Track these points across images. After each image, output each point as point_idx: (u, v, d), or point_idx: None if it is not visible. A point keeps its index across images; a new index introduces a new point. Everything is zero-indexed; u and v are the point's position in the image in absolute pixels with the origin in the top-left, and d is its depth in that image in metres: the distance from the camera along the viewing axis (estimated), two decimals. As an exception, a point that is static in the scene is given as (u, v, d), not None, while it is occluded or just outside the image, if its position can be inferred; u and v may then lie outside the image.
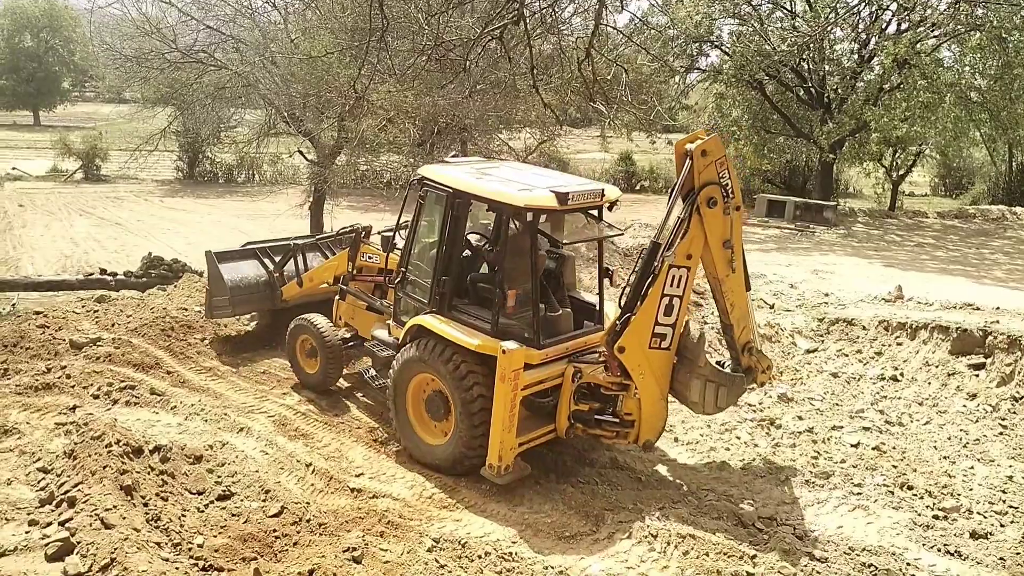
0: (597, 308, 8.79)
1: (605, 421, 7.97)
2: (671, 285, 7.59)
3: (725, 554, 6.64)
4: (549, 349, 7.96)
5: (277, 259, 11.31)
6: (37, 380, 9.48)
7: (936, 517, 7.63)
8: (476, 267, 8.70)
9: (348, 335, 10.28)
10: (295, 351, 10.17)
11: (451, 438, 8.03)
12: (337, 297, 10.46)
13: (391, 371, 8.57)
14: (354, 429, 9.15)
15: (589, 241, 9.10)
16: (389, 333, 9.28)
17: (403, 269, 8.91)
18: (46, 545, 6.11)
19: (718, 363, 8.31)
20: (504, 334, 7.76)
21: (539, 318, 7.93)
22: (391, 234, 9.58)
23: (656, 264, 7.60)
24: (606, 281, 8.86)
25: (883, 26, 26.64)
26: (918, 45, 24.16)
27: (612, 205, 8.32)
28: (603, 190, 8.17)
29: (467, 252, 8.65)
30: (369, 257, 10.27)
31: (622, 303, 7.80)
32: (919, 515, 7.63)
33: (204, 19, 21.89)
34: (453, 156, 9.96)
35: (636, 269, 7.80)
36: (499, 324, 7.83)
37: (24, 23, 59.77)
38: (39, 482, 7.17)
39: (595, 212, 8.35)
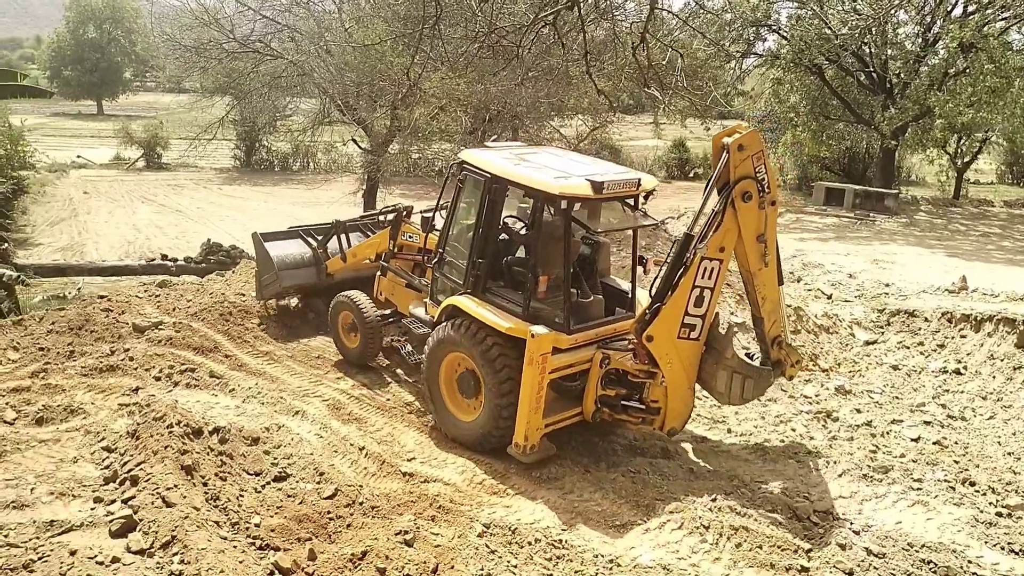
0: (629, 295, 8.83)
1: (631, 407, 8.08)
2: (702, 277, 7.64)
3: (779, 547, 6.53)
4: (578, 334, 8.07)
5: (321, 238, 11.65)
6: (101, 362, 9.76)
7: (999, 514, 7.38)
8: (513, 251, 8.82)
9: (388, 311, 10.50)
10: (337, 326, 10.51)
11: (480, 416, 8.24)
12: (379, 273, 10.72)
13: (426, 348, 8.77)
14: (406, 414, 9.24)
15: (624, 230, 8.96)
16: (426, 311, 9.50)
17: (441, 250, 9.11)
18: (110, 522, 6.30)
19: (747, 354, 8.36)
20: (535, 318, 7.90)
21: (570, 304, 8.02)
22: (431, 215, 9.76)
23: (688, 255, 7.63)
24: (639, 269, 8.86)
25: (949, 8, 25.78)
26: (985, 28, 23.31)
27: (648, 195, 8.39)
28: (639, 179, 8.18)
29: (504, 236, 8.78)
30: (410, 236, 10.55)
31: (653, 292, 7.85)
32: (982, 512, 7.40)
33: (260, 9, 22.24)
34: (494, 140, 10.02)
35: (668, 259, 7.81)
36: (530, 308, 7.97)
37: (88, 15, 61.53)
38: (103, 461, 7.39)
39: (631, 201, 8.39)
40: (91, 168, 36.08)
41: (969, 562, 6.59)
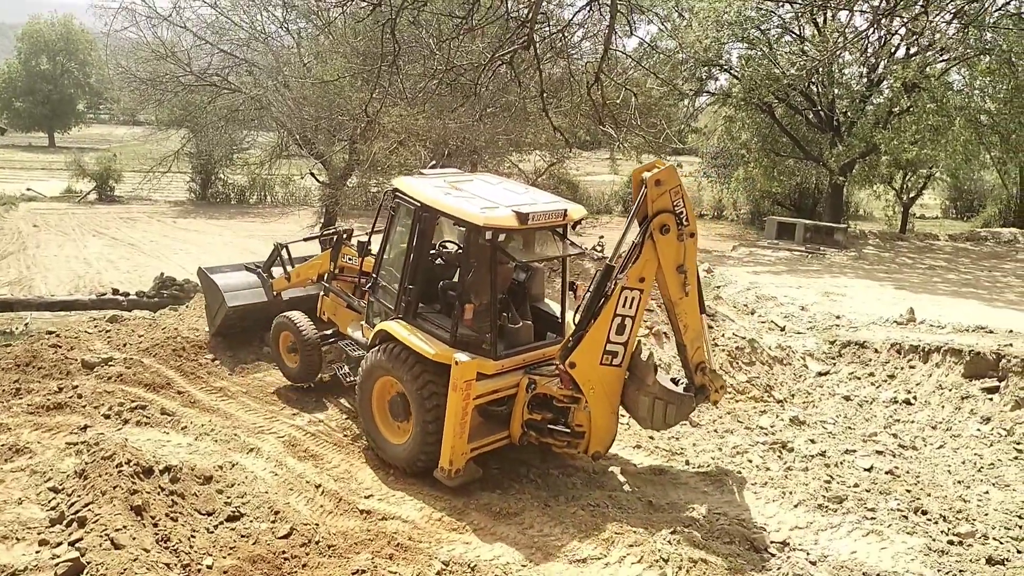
0: (560, 321, 9.04)
1: (557, 431, 8.25)
2: (623, 306, 7.89)
3: (737, 579, 6.57)
4: (505, 360, 8.26)
5: (265, 261, 11.82)
6: (49, 400, 9.51)
7: (951, 542, 7.53)
8: (450, 275, 8.98)
9: (328, 332, 10.57)
10: (278, 347, 10.63)
11: (410, 439, 8.38)
12: (321, 293, 10.90)
13: (359, 371, 8.91)
14: (363, 450, 9.14)
15: (550, 260, 9.36)
16: (362, 334, 9.63)
17: (375, 275, 9.33)
18: (56, 565, 6.11)
19: (673, 380, 8.57)
20: (463, 344, 8.07)
21: (496, 331, 8.21)
22: (366, 239, 9.99)
23: (610, 285, 7.88)
24: (569, 295, 9.07)
25: (892, 50, 26.70)
26: (927, 69, 24.25)
27: (576, 224, 8.63)
28: (566, 209, 8.40)
29: (439, 260, 9.15)
30: (349, 259, 10.70)
31: (576, 321, 8.08)
32: (934, 540, 7.54)
33: (218, 43, 22.22)
34: (431, 167, 10.19)
35: (590, 289, 8.04)
36: (458, 334, 8.13)
37: (41, 46, 60.68)
38: (50, 502, 7.17)
39: (560, 230, 8.62)
40: (41, 201, 35.35)
41: (922, 590, 6.69)
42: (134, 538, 6.36)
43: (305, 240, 12.00)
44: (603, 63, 9.08)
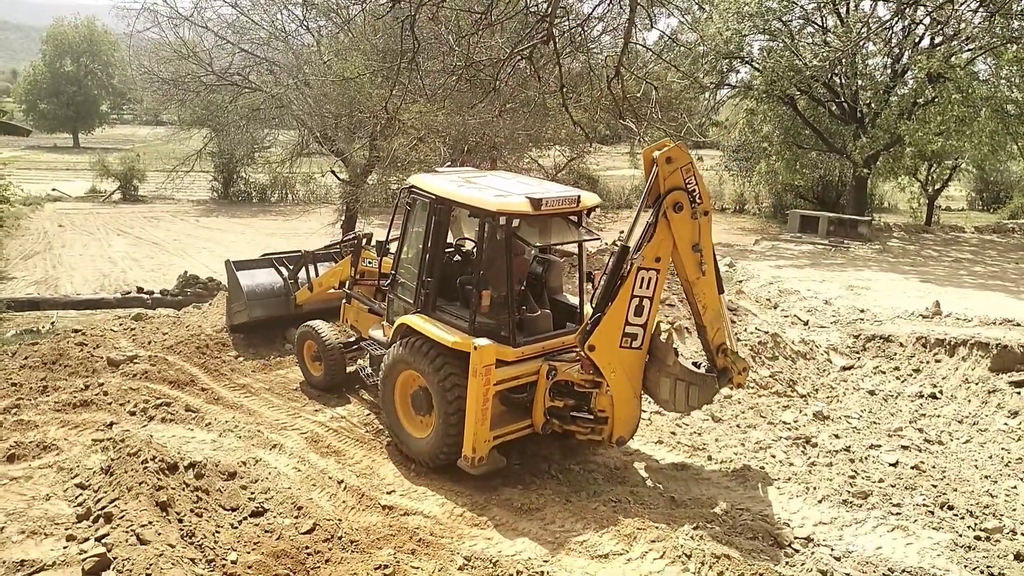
0: (578, 310, 9.06)
1: (580, 418, 8.24)
2: (640, 287, 7.85)
3: (760, 574, 6.53)
4: (525, 347, 8.31)
5: (292, 268, 11.95)
6: (75, 397, 9.64)
7: (978, 538, 7.43)
8: (467, 271, 9.03)
9: (351, 339, 10.74)
10: (302, 356, 10.80)
11: (432, 432, 8.41)
12: (344, 301, 10.98)
13: (381, 368, 8.98)
14: (385, 446, 9.17)
15: (564, 244, 9.42)
16: (383, 333, 9.70)
17: (394, 272, 9.43)
18: (83, 560, 6.19)
19: (695, 364, 8.49)
20: (481, 333, 8.08)
21: (514, 318, 8.27)
22: (385, 240, 10.19)
23: (626, 266, 7.86)
24: (587, 285, 9.01)
25: (916, 40, 26.36)
26: (952, 59, 23.86)
27: (590, 211, 8.68)
28: (579, 196, 8.42)
29: (457, 257, 9.29)
30: (369, 262, 10.83)
31: (593, 303, 8.09)
32: (960, 536, 7.45)
33: (239, 43, 22.32)
34: (448, 166, 10.31)
35: (606, 271, 8.02)
36: (476, 323, 8.18)
37: (65, 48, 61.45)
38: (77, 498, 7.27)
39: (574, 218, 8.65)
40: (66, 201, 35.83)
41: (949, 587, 6.62)
42: (159, 533, 6.43)
43: (326, 248, 12.09)
44: (623, 56, 9.03)
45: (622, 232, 8.21)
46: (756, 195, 35.47)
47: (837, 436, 10.09)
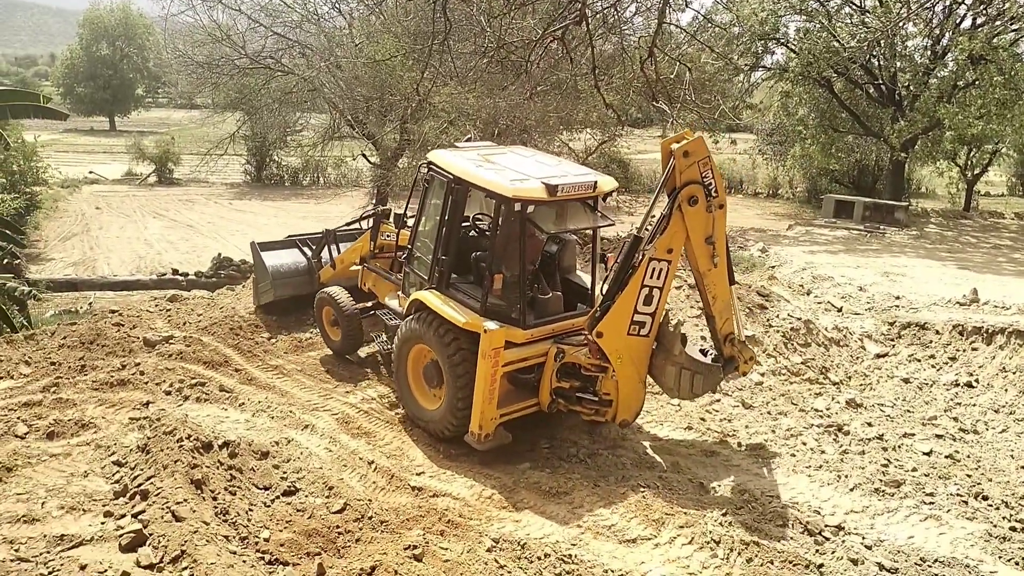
0: (590, 292, 9.17)
1: (585, 399, 8.46)
2: (651, 277, 7.98)
3: (790, 562, 6.49)
4: (535, 330, 8.47)
5: (315, 247, 12.21)
6: (112, 376, 9.82)
7: (1013, 529, 7.33)
8: (483, 246, 9.07)
9: (368, 303, 10.92)
10: (322, 321, 11.10)
11: (442, 405, 8.66)
12: (362, 266, 11.25)
13: (395, 340, 9.23)
14: (415, 428, 9.23)
15: (578, 231, 9.44)
16: (399, 304, 9.90)
17: (410, 246, 9.62)
18: (120, 536, 6.32)
19: (702, 351, 8.66)
20: (493, 313, 8.29)
21: (525, 301, 8.40)
22: (403, 212, 10.46)
23: (637, 256, 7.97)
24: (600, 266, 9.11)
25: (957, 20, 25.71)
26: (995, 40, 23.25)
27: (606, 196, 8.71)
28: (596, 181, 8.46)
29: (474, 232, 9.41)
30: (387, 236, 11.01)
31: (604, 291, 8.23)
32: (995, 526, 7.35)
33: (272, 26, 22.44)
34: (467, 140, 10.39)
35: (618, 260, 8.11)
36: (488, 304, 8.35)
37: (101, 32, 62.20)
38: (114, 475, 7.42)
39: (590, 202, 8.68)
40: (103, 183, 36.36)
41: (983, 577, 6.53)
42: (194, 511, 6.55)
43: (347, 225, 12.31)
44: (657, 37, 8.94)
45: (652, 216, 8.16)
46: (790, 179, 34.90)
47: (870, 424, 9.97)
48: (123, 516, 6.66)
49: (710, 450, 8.95)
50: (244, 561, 6.09)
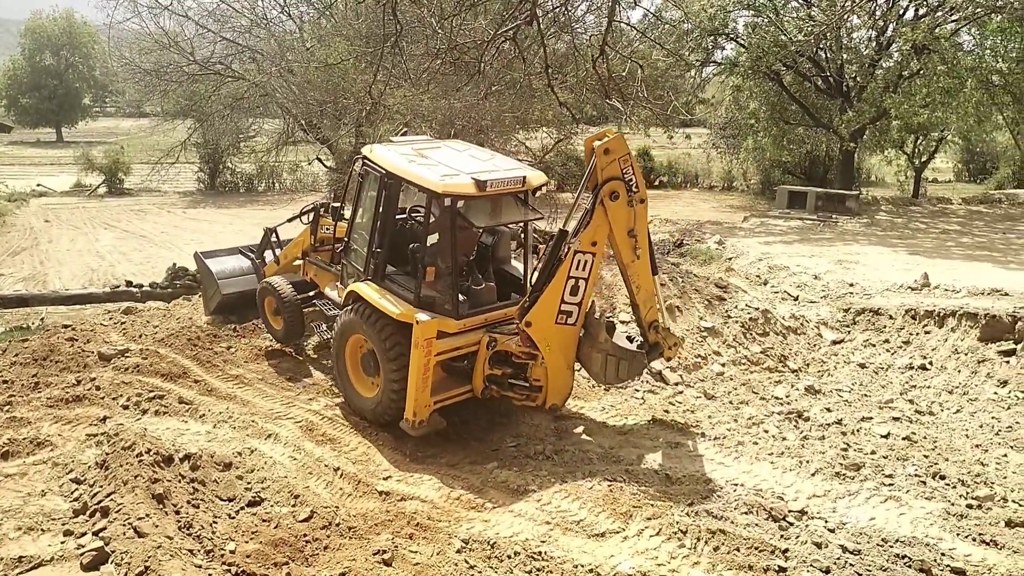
0: (523, 282, 9.51)
1: (516, 385, 8.85)
2: (577, 268, 8.40)
3: (756, 548, 6.59)
4: (467, 319, 8.79)
5: (257, 247, 12.51)
6: (67, 392, 9.61)
7: (970, 506, 7.52)
8: (419, 237, 9.22)
9: (310, 292, 11.26)
10: (264, 311, 11.37)
11: (378, 392, 8.99)
12: (303, 259, 11.48)
13: (334, 330, 9.57)
14: (380, 432, 9.18)
15: (508, 224, 9.69)
16: (338, 295, 10.16)
17: (347, 239, 9.95)
18: (81, 555, 6.20)
19: (629, 338, 9.09)
20: (426, 304, 8.61)
21: (457, 292, 8.71)
22: (339, 205, 10.68)
23: (563, 249, 8.38)
24: (533, 258, 9.52)
25: (900, 12, 26.30)
26: (937, 30, 23.82)
27: (536, 190, 9.15)
28: (525, 176, 8.84)
29: (411, 223, 9.68)
30: (327, 229, 11.10)
31: (532, 282, 8.69)
32: (952, 505, 7.54)
33: (221, 31, 22.16)
34: (402, 134, 10.57)
35: (545, 252, 8.57)
36: (421, 295, 8.66)
37: (44, 42, 60.75)
38: (72, 493, 7.27)
39: (521, 196, 9.00)
40: (52, 196, 35.51)
41: (942, 555, 6.69)
42: (157, 526, 6.44)
43: (288, 221, 12.44)
44: (607, 35, 9.02)
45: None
46: (744, 172, 35.41)
47: (829, 410, 10.16)
48: (84, 534, 6.54)
49: (675, 441, 9.05)
50: (210, 574, 6.01)
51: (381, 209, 8.97)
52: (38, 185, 36.97)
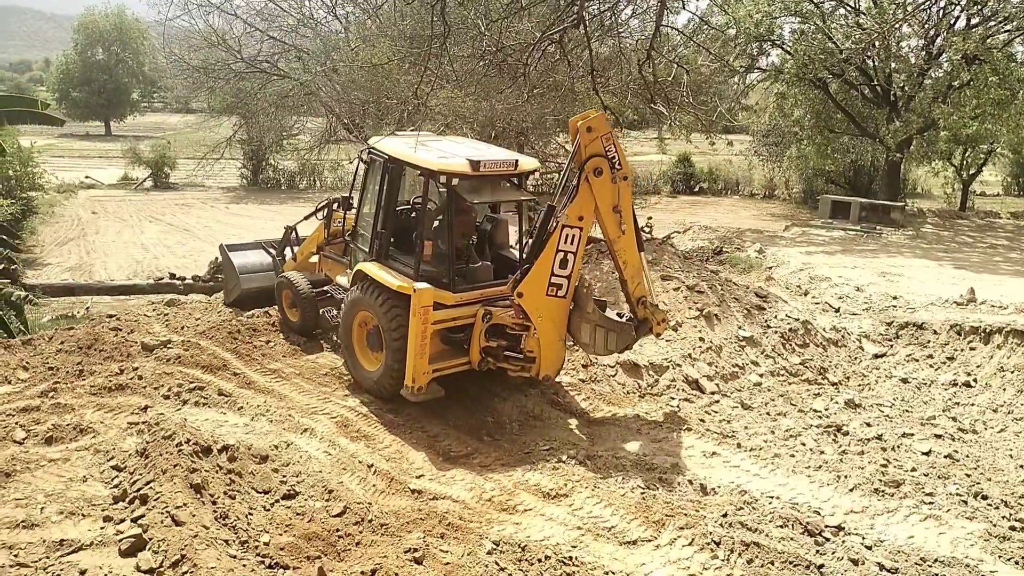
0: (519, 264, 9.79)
1: (511, 356, 9.27)
2: (565, 242, 8.89)
3: (791, 563, 6.49)
4: (463, 293, 9.36)
5: (278, 244, 13.08)
6: (110, 381, 9.78)
7: (1013, 528, 7.33)
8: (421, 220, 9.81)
9: (324, 287, 11.76)
10: (281, 304, 11.88)
11: (381, 365, 9.52)
12: (319, 254, 12.02)
13: (342, 309, 10.15)
14: (414, 431, 9.23)
15: (500, 202, 10.43)
16: (348, 280, 10.64)
17: (355, 225, 10.73)
18: (120, 541, 6.30)
19: (618, 314, 9.53)
20: (425, 279, 9.15)
21: (453, 266, 9.32)
22: (348, 196, 11.29)
23: (552, 224, 8.87)
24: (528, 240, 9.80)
25: (952, 21, 25.80)
26: (989, 40, 23.32)
27: (529, 175, 9.85)
28: (517, 160, 9.52)
29: (415, 213, 10.16)
30: (339, 223, 11.73)
31: (525, 255, 9.19)
32: (994, 526, 7.35)
33: (268, 30, 22.45)
34: (412, 130, 11.12)
35: (535, 227, 9.04)
36: (420, 270, 9.25)
37: (96, 37, 62.05)
38: (113, 480, 7.39)
39: (515, 180, 9.67)
40: (99, 188, 36.26)
41: (983, 577, 6.54)
42: (194, 515, 6.53)
43: (306, 218, 12.87)
44: (654, 40, 9.00)
45: (650, 218, 8.31)
46: (786, 180, 34.94)
47: (869, 424, 9.99)
48: (122, 521, 6.63)
49: (710, 451, 8.95)
50: (244, 565, 6.07)
51: (385, 193, 9.69)
52: (86, 177, 37.77)
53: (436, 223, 9.51)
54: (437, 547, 6.69)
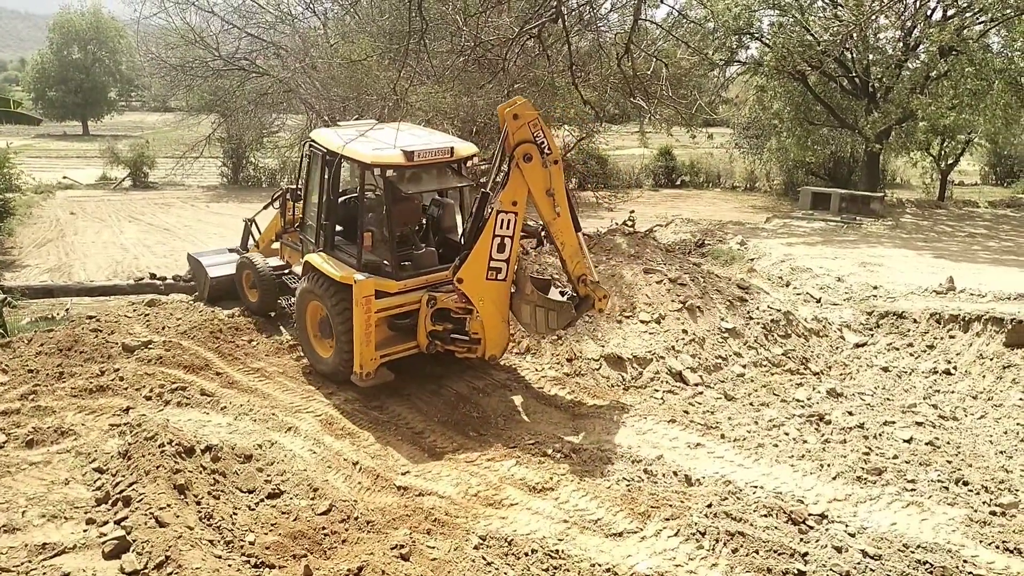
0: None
1: (457, 339, 9.56)
2: (501, 227, 9.08)
3: (775, 552, 6.55)
4: (408, 280, 9.60)
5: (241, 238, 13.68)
6: (91, 382, 9.70)
7: (993, 513, 7.42)
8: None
9: (283, 267, 12.12)
10: (241, 284, 12.40)
11: (333, 352, 9.84)
12: (279, 242, 12.55)
13: (295, 299, 10.49)
14: (399, 427, 9.22)
15: (435, 190, 10.57)
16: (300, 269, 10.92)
17: (302, 216, 11.12)
18: (103, 543, 6.26)
19: (562, 292, 9.87)
20: (368, 268, 9.41)
21: (394, 255, 9.56)
22: (295, 188, 11.53)
23: (487, 210, 9.06)
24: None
25: (928, 13, 25.98)
26: (965, 31, 23.52)
27: (467, 160, 10.00)
28: (452, 147, 9.79)
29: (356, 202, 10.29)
30: (293, 211, 12.03)
31: (463, 242, 9.40)
32: (975, 511, 7.44)
33: (246, 27, 22.28)
34: (355, 119, 11.16)
35: (471, 214, 9.22)
36: (363, 260, 9.49)
37: (72, 36, 61.35)
38: (95, 482, 7.34)
39: (454, 167, 9.93)
40: (77, 188, 35.84)
41: (965, 561, 6.62)
42: (178, 516, 6.49)
43: (264, 208, 13.38)
44: (632, 33, 9.01)
45: (632, 212, 8.32)
46: (767, 173, 35.06)
47: (851, 413, 10.07)
48: (105, 523, 6.60)
49: (694, 442, 9.00)
50: (229, 565, 6.05)
51: (327, 185, 9.92)
52: (64, 178, 37.34)
53: (376, 213, 9.74)
54: (424, 543, 6.69)
